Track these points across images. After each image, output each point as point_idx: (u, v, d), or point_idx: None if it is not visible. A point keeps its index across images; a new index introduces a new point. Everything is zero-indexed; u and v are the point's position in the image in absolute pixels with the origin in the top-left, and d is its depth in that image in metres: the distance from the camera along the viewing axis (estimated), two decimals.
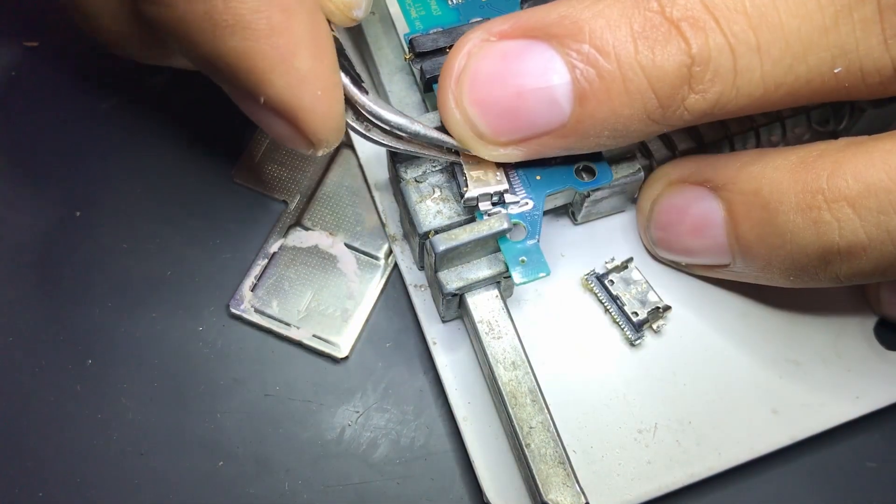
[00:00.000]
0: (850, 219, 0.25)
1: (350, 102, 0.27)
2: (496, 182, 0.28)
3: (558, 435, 0.27)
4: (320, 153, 0.26)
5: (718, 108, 0.26)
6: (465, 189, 0.28)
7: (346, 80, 0.26)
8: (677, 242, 0.30)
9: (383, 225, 0.33)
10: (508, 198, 0.28)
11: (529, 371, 0.28)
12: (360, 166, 0.34)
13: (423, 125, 0.27)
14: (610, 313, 0.31)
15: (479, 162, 0.28)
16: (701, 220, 0.28)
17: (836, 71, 0.25)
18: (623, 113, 0.26)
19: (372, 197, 0.33)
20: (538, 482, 0.26)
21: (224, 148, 0.34)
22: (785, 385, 0.30)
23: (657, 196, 0.30)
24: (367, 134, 0.27)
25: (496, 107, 0.26)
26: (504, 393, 0.27)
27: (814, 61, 0.25)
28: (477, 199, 0.28)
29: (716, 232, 0.28)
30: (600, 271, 0.31)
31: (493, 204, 0.28)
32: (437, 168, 0.29)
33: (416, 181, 0.29)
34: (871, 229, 0.25)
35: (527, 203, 0.28)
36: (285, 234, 0.33)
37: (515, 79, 0.26)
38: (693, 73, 0.25)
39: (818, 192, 0.25)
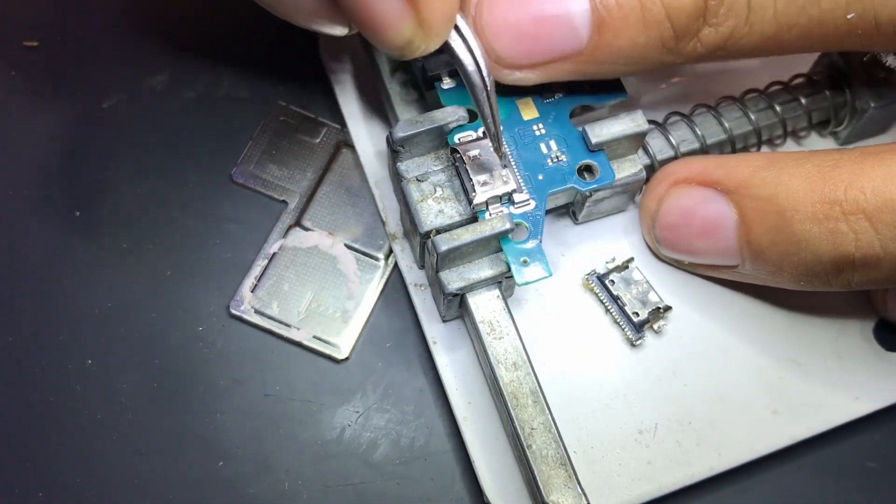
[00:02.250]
0: (867, 231, 0.25)
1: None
2: (503, 184, 0.28)
3: (560, 436, 0.27)
4: (418, 52, 0.25)
5: (731, 44, 0.26)
6: (473, 195, 0.28)
7: None
8: (684, 243, 0.30)
9: (383, 223, 0.33)
10: (517, 197, 0.28)
11: (531, 372, 0.28)
12: (360, 166, 0.34)
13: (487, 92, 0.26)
14: (611, 313, 0.31)
15: (484, 165, 0.28)
16: (711, 223, 0.28)
17: (849, 17, 0.26)
18: (639, 42, 0.26)
19: (372, 195, 0.33)
20: (540, 483, 0.26)
21: (224, 148, 0.34)
22: (785, 385, 0.30)
23: (663, 195, 0.30)
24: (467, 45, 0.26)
25: (514, 31, 0.27)
26: (505, 394, 0.27)
27: (827, 4, 0.26)
28: (486, 203, 0.28)
29: (726, 235, 0.28)
30: (601, 271, 0.31)
31: (502, 204, 0.28)
32: (438, 167, 0.29)
33: (417, 180, 0.29)
34: (888, 243, 0.25)
35: (529, 203, 0.28)
36: (285, 235, 0.33)
37: (534, 4, 0.26)
38: (709, 6, 0.26)
39: (836, 203, 0.25)
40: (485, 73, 0.26)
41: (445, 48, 0.26)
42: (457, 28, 0.26)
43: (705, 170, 0.29)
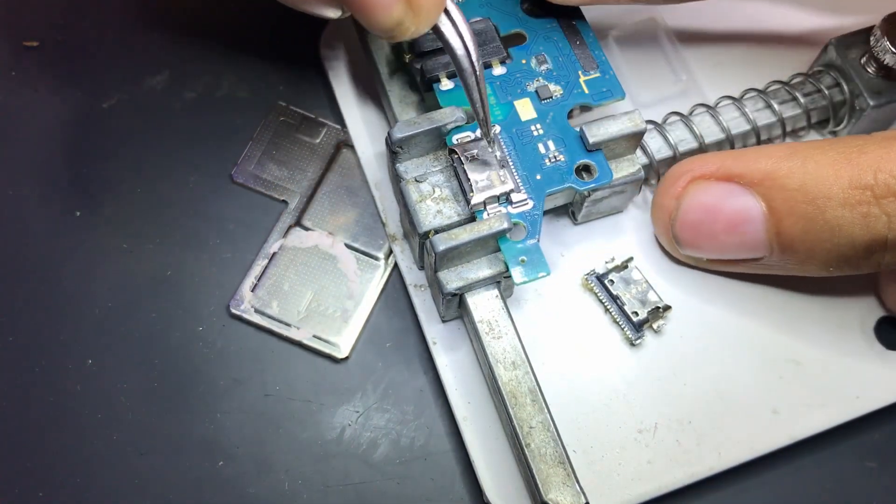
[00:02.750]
0: None
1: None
2: (501, 184, 0.28)
3: (558, 434, 0.27)
4: (407, 33, 0.25)
5: None
6: (471, 195, 0.28)
7: None
8: (709, 240, 0.30)
9: (383, 224, 0.33)
10: (515, 196, 0.28)
11: (529, 371, 0.28)
12: (360, 166, 0.34)
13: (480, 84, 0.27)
14: (610, 313, 0.31)
15: (481, 165, 0.28)
16: (738, 217, 0.28)
17: None
18: None
19: (372, 196, 0.33)
20: (538, 482, 0.26)
21: (224, 148, 0.34)
22: (785, 385, 0.30)
23: (681, 193, 0.30)
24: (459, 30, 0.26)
25: None
26: (504, 393, 0.27)
27: None
28: (484, 203, 0.28)
29: (755, 228, 0.28)
30: (600, 271, 0.31)
31: (500, 204, 0.28)
32: (437, 168, 0.29)
33: (416, 181, 0.29)
34: None
35: (527, 203, 0.28)
36: (285, 234, 0.33)
37: None
38: None
39: (867, 188, 0.26)
40: (474, 58, 0.26)
41: (435, 32, 0.26)
42: (447, 12, 0.25)
43: (723, 164, 0.29)
